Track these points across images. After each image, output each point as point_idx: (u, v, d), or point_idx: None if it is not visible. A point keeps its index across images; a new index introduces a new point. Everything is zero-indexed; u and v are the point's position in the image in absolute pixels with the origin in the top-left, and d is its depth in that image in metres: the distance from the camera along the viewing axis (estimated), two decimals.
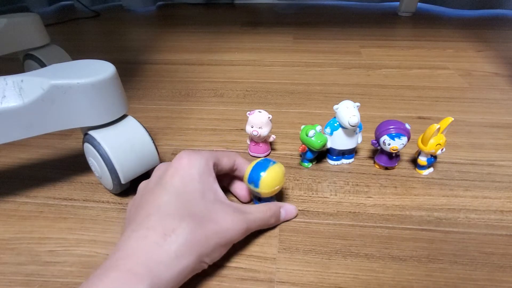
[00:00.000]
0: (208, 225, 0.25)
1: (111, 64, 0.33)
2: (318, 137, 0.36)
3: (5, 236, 0.32)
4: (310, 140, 0.36)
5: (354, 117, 0.35)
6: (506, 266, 0.28)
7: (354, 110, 0.35)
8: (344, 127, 0.36)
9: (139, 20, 1.09)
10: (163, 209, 0.25)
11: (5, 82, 0.29)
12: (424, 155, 0.37)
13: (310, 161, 0.39)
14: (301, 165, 0.39)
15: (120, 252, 0.23)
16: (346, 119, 0.35)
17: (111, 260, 0.23)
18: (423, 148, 0.36)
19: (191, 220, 0.25)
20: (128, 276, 0.21)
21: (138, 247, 0.23)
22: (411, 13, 1.03)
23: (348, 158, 0.40)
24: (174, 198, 0.26)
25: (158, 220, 0.24)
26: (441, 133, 0.35)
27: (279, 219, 0.32)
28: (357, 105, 0.36)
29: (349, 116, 0.35)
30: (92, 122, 0.32)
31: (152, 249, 0.23)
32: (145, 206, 0.26)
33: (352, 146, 0.38)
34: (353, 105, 0.36)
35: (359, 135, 0.38)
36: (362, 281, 0.27)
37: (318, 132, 0.36)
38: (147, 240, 0.23)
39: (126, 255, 0.23)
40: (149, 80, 0.64)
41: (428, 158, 0.37)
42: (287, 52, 0.76)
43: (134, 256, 0.22)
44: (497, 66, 0.65)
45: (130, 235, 0.24)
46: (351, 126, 0.35)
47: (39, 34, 0.56)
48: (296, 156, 0.41)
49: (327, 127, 0.38)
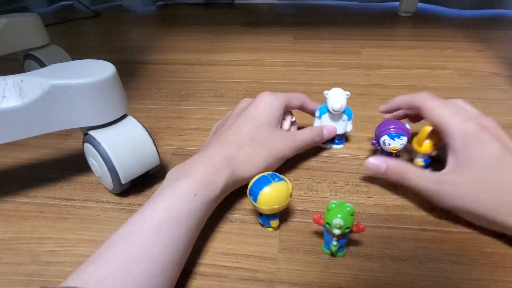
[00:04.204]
0: (266, 146, 0.34)
1: (111, 64, 0.33)
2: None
3: (5, 236, 0.32)
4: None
5: (338, 103, 0.38)
6: (506, 266, 0.28)
7: (340, 97, 0.38)
8: (330, 111, 0.39)
9: (139, 20, 1.09)
10: (240, 131, 0.34)
11: (5, 82, 0.29)
12: (420, 157, 0.37)
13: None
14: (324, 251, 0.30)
15: (206, 151, 0.32)
16: (330, 104, 0.39)
17: (198, 155, 0.32)
18: (418, 150, 0.36)
19: (256, 143, 0.34)
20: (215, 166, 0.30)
21: (219, 151, 0.32)
22: (411, 13, 1.03)
23: (338, 144, 0.43)
24: (250, 125, 0.35)
25: (235, 138, 0.33)
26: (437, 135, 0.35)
27: (323, 137, 0.40)
28: (347, 94, 0.39)
29: (334, 102, 0.38)
30: (92, 122, 0.32)
31: (229, 154, 0.31)
32: (228, 127, 0.35)
33: (339, 131, 0.41)
34: (341, 93, 0.38)
35: (348, 123, 0.41)
36: (362, 281, 0.27)
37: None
38: (226, 148, 0.32)
39: (212, 153, 0.31)
40: (149, 80, 0.64)
41: (425, 159, 0.36)
42: (287, 52, 0.76)
43: (216, 155, 0.31)
44: (497, 66, 0.65)
45: (214, 142, 0.34)
46: (334, 111, 0.39)
47: (39, 34, 0.56)
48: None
49: (317, 111, 0.41)
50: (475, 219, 0.30)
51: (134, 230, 0.24)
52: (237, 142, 0.33)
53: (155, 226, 0.24)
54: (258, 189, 0.28)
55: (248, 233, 0.32)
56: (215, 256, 0.29)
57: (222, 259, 0.29)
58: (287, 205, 0.30)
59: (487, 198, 0.28)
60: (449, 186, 0.30)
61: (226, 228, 0.32)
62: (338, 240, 0.27)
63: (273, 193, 0.28)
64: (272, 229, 0.31)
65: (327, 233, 0.28)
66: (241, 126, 0.35)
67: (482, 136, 0.29)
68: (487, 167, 0.28)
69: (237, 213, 0.34)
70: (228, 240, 0.31)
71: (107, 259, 0.23)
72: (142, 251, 0.23)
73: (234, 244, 0.30)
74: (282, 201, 0.29)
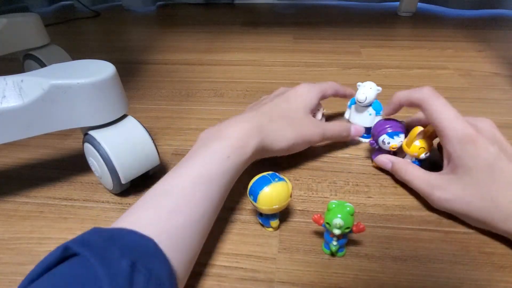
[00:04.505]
0: (298, 125, 0.36)
1: (111, 64, 0.33)
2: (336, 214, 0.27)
3: (5, 236, 0.32)
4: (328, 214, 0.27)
5: (362, 94, 0.39)
6: (506, 266, 0.28)
7: (367, 90, 0.40)
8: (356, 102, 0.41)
9: (139, 20, 1.09)
10: (275, 107, 0.36)
11: (5, 82, 0.29)
12: (409, 158, 0.36)
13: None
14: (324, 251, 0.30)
15: (240, 117, 0.34)
16: (356, 95, 0.40)
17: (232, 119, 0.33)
18: (406, 150, 0.36)
19: (288, 120, 0.36)
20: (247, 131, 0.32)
21: (252, 118, 0.34)
22: (411, 13, 1.03)
23: (365, 138, 0.43)
24: (285, 105, 0.37)
25: (270, 111, 0.36)
26: (428, 137, 0.35)
27: (350, 133, 0.41)
28: (378, 89, 0.40)
29: (360, 93, 0.40)
30: (92, 122, 0.32)
31: (261, 123, 0.33)
32: (264, 104, 0.37)
33: (363, 124, 0.42)
34: (370, 86, 0.40)
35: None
36: (362, 281, 0.27)
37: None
38: (259, 117, 0.34)
39: (245, 119, 0.33)
40: (149, 80, 0.64)
41: (413, 160, 0.36)
42: (287, 52, 0.76)
43: (249, 122, 0.33)
44: (497, 66, 0.65)
45: (248, 111, 0.36)
46: (358, 102, 0.40)
47: (39, 34, 0.56)
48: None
49: (350, 101, 0.44)
50: (471, 222, 0.31)
51: (174, 183, 0.27)
52: (271, 114, 0.35)
53: (191, 183, 0.27)
54: (258, 189, 0.28)
55: (248, 233, 0.32)
56: (215, 256, 0.29)
57: (222, 259, 0.29)
58: (287, 205, 0.30)
59: (479, 203, 0.28)
60: (441, 190, 0.31)
61: (226, 228, 0.32)
62: (338, 240, 0.27)
63: (273, 193, 0.28)
64: (272, 229, 0.31)
65: (327, 233, 0.28)
66: (278, 104, 0.37)
67: (478, 141, 0.29)
68: (480, 172, 0.28)
69: (237, 213, 0.34)
70: (228, 240, 0.31)
71: (153, 206, 0.25)
72: (178, 205, 0.25)
73: (234, 244, 0.30)
74: (282, 201, 0.29)
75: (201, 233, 0.26)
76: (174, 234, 0.23)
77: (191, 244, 0.25)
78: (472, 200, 0.29)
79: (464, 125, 0.30)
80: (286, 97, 0.38)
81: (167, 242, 0.22)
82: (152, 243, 0.21)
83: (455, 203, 0.30)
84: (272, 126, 0.34)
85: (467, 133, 0.29)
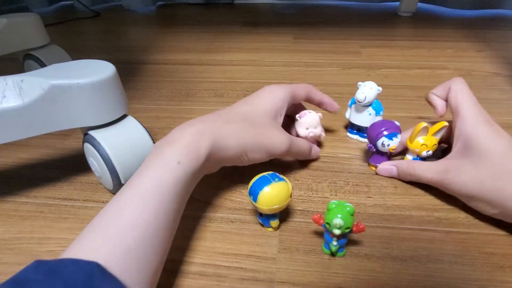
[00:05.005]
0: (260, 130, 0.33)
1: (111, 64, 0.33)
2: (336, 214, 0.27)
3: (5, 236, 0.32)
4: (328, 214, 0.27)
5: (362, 94, 0.39)
6: (506, 266, 0.28)
7: (366, 89, 0.39)
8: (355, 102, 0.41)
9: (139, 20, 1.09)
10: (235, 110, 0.34)
11: (5, 82, 0.29)
12: (410, 154, 0.37)
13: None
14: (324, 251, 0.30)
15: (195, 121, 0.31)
16: (356, 94, 0.40)
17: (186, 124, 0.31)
18: (409, 145, 0.36)
19: (248, 124, 0.33)
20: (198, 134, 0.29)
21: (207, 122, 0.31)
22: (411, 13, 1.03)
23: (362, 136, 0.44)
24: (246, 107, 0.35)
25: (228, 113, 0.33)
26: (433, 136, 0.35)
27: (312, 154, 0.39)
28: (378, 89, 0.40)
29: (359, 92, 0.40)
30: (92, 122, 0.32)
31: (216, 125, 0.31)
32: (230, 108, 0.35)
33: (363, 124, 0.42)
34: (370, 86, 0.40)
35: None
36: (362, 281, 0.27)
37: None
38: (215, 120, 0.31)
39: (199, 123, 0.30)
40: (149, 80, 0.64)
41: (414, 157, 0.36)
42: (287, 52, 0.76)
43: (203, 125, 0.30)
44: (497, 66, 0.65)
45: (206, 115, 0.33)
46: (357, 101, 0.40)
47: (39, 34, 0.56)
48: None
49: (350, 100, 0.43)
50: (483, 206, 0.30)
51: (123, 200, 0.25)
52: (229, 117, 0.33)
53: (142, 195, 0.25)
54: (258, 189, 0.28)
55: (248, 233, 0.32)
56: (215, 256, 0.29)
57: (222, 259, 0.29)
58: (287, 205, 0.30)
59: (492, 183, 0.29)
60: (453, 174, 0.31)
61: (226, 228, 0.32)
62: (338, 240, 0.27)
63: (273, 193, 0.28)
64: (272, 229, 0.31)
65: (327, 233, 0.28)
66: (238, 106, 0.35)
67: (494, 125, 0.30)
68: (496, 154, 0.29)
69: (237, 213, 0.34)
70: (228, 240, 0.31)
71: (100, 229, 0.24)
72: (131, 219, 0.24)
73: (234, 244, 0.30)
74: (282, 201, 0.29)
75: (160, 246, 0.25)
76: (126, 254, 0.22)
77: (148, 260, 0.23)
78: (485, 180, 0.29)
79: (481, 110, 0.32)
80: (249, 99, 0.36)
81: (117, 263, 0.21)
82: (97, 269, 0.20)
83: (468, 185, 0.30)
84: (228, 128, 0.31)
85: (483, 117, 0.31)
